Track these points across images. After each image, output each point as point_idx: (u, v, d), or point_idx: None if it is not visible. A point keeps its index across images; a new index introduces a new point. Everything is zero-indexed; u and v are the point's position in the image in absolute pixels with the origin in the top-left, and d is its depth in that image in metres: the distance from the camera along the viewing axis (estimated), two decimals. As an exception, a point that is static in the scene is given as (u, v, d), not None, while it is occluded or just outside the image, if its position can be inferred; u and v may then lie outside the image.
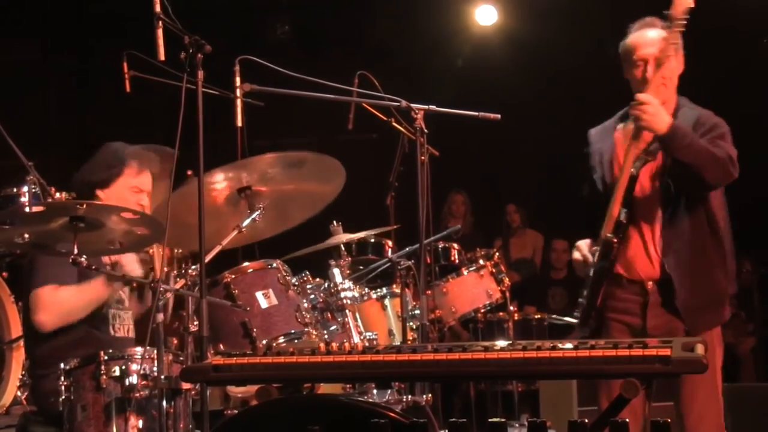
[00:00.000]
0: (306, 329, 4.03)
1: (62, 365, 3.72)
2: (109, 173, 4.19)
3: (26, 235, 3.50)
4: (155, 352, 3.56)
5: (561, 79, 8.66)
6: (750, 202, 6.82)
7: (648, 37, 3.84)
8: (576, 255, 3.96)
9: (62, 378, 3.70)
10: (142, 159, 4.27)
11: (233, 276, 4.02)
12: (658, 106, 3.71)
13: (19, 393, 5.20)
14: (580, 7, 8.39)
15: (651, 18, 3.88)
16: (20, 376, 5.17)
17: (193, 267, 3.81)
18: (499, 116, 4.25)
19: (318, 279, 4.53)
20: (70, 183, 4.34)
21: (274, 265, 4.14)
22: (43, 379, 4.02)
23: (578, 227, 4.27)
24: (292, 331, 3.99)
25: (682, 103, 3.88)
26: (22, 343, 4.97)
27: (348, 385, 4.33)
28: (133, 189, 4.22)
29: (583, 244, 3.95)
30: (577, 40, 8.41)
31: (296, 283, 4.22)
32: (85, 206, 3.41)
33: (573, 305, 8.96)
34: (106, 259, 4.07)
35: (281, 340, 3.95)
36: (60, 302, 3.94)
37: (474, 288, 5.17)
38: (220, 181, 4.06)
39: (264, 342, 3.87)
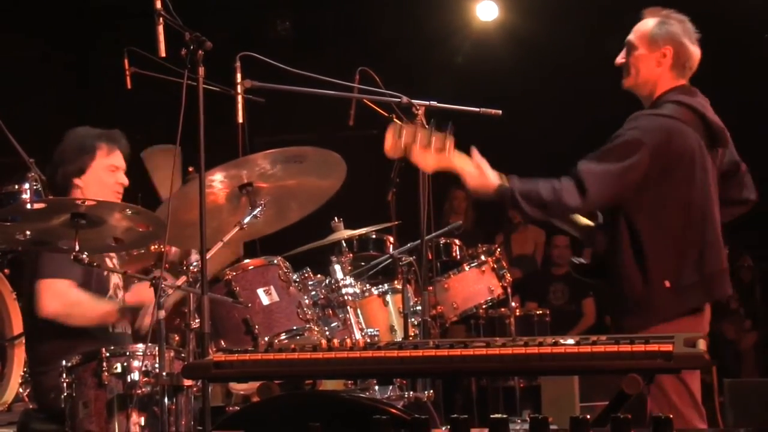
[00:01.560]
0: (308, 325, 4.02)
1: (64, 362, 3.72)
2: (81, 159, 4.17)
3: (27, 232, 3.49)
4: (157, 348, 3.56)
5: (562, 74, 8.65)
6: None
7: (636, 25, 3.82)
8: None
9: (64, 375, 3.70)
10: (110, 138, 4.25)
11: (234, 273, 4.01)
12: (480, 175, 3.76)
13: (20, 390, 5.20)
14: (580, 2, 8.37)
15: (656, 9, 3.81)
16: (22, 373, 5.17)
17: (194, 263, 3.80)
18: (500, 112, 4.24)
19: (319, 275, 4.52)
20: (47, 177, 4.32)
21: (275, 261, 4.13)
22: (44, 375, 4.02)
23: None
24: (294, 328, 3.99)
25: (659, 105, 3.72)
26: (23, 339, 4.97)
27: (349, 382, 4.33)
28: (109, 168, 4.20)
29: None
30: (577, 35, 8.40)
31: (297, 280, 4.22)
32: (86, 203, 3.41)
33: (574, 301, 8.96)
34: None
35: (283, 336, 3.95)
36: (69, 297, 3.95)
37: (475, 284, 5.16)
38: (219, 180, 4.05)
39: (266, 339, 3.87)
